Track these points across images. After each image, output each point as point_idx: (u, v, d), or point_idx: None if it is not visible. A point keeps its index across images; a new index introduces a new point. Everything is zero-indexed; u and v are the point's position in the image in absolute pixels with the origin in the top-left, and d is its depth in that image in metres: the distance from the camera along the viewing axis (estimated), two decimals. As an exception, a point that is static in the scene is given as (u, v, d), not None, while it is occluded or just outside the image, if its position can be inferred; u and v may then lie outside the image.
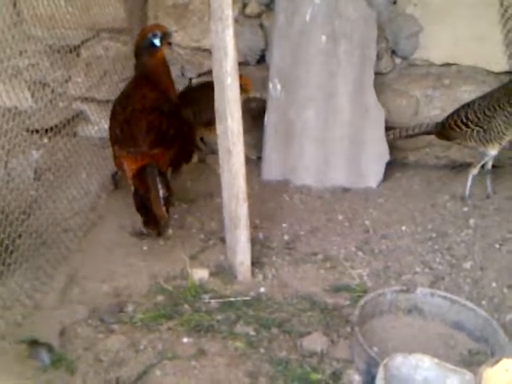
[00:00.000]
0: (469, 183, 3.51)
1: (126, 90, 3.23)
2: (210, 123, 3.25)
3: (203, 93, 3.43)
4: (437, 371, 2.24)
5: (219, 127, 2.85)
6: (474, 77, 3.86)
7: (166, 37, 3.23)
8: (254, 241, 3.05)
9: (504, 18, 3.78)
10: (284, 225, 3.29)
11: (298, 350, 2.49)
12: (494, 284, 2.87)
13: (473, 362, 2.43)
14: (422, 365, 2.24)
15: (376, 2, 3.78)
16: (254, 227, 3.20)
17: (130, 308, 2.69)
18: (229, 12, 2.70)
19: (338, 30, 3.66)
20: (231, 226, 2.89)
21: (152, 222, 2.88)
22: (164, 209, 2.85)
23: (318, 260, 3.03)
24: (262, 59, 3.96)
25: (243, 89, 3.33)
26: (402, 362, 2.22)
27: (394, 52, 3.90)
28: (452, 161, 3.87)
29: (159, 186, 2.87)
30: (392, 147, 3.77)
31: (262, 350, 2.48)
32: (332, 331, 2.59)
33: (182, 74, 3.99)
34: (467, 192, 3.51)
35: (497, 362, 2.21)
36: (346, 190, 3.62)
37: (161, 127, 3.02)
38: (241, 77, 3.01)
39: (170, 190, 2.90)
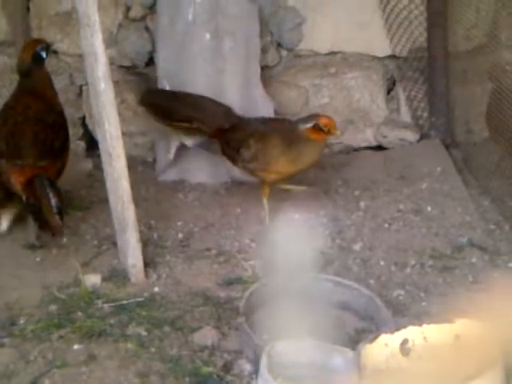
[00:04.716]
0: None
1: (8, 103, 3.22)
2: None
3: None
4: (320, 353, 2.29)
5: (98, 132, 2.86)
6: (359, 63, 3.94)
7: (49, 48, 3.27)
8: (147, 241, 3.08)
9: (383, 3, 3.88)
10: (179, 223, 3.30)
11: (189, 346, 2.51)
12: (381, 263, 2.95)
13: (359, 340, 2.47)
14: (305, 348, 2.29)
15: (258, -4, 3.83)
16: (148, 228, 3.22)
17: (21, 320, 2.67)
18: (95, 18, 2.72)
19: (222, 27, 3.69)
20: (120, 230, 2.90)
21: (47, 231, 2.93)
22: (57, 217, 2.86)
23: (212, 255, 3.06)
24: (151, 62, 3.96)
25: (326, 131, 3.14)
26: (285, 348, 2.27)
27: (279, 45, 3.94)
28: (345, 147, 3.94)
29: (50, 195, 2.87)
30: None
31: (153, 350, 2.49)
32: (223, 324, 2.61)
33: (72, 83, 3.97)
34: None
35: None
36: (241, 184, 3.64)
37: (46, 139, 3.04)
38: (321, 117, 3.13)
39: (61, 199, 2.90)
